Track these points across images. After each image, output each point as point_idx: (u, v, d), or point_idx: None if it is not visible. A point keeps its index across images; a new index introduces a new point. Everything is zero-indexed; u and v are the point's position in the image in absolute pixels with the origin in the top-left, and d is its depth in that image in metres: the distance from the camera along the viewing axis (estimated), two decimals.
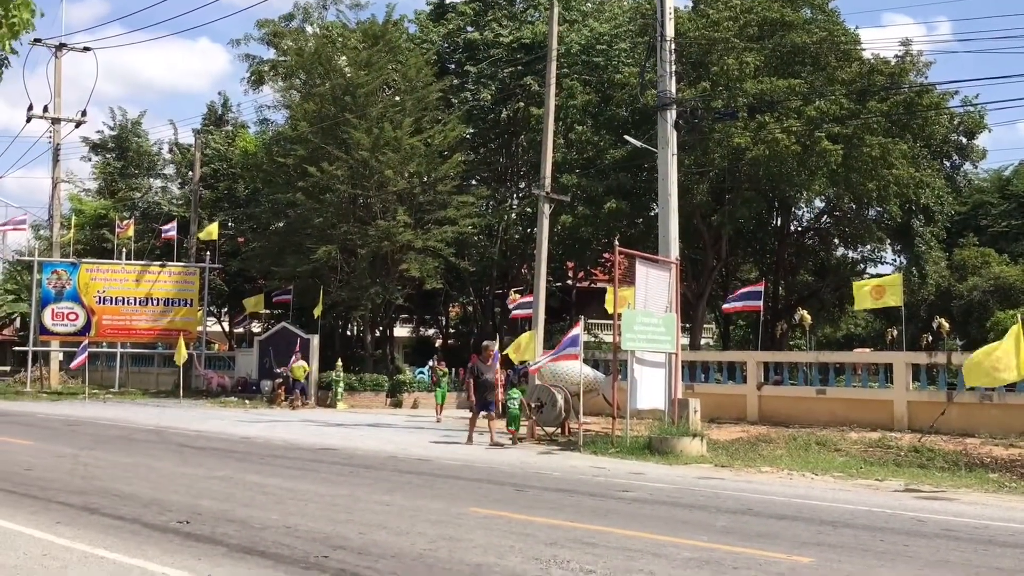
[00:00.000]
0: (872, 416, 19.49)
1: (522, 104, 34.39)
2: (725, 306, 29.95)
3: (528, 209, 34.97)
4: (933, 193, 31.24)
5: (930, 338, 35.61)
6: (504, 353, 21.00)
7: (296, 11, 40.41)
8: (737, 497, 11.05)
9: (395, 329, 43.03)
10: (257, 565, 6.86)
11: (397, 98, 33.46)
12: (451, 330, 46.94)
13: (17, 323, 52.79)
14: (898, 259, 36.68)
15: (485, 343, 19.50)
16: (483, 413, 17.71)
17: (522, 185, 38.15)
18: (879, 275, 36.68)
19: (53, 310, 35.13)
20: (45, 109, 36.47)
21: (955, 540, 8.45)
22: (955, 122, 33.29)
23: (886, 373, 20.58)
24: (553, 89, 23.98)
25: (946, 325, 32.81)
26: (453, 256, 32.42)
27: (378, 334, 37.33)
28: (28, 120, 36.43)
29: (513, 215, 36.96)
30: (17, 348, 44.48)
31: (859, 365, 23.63)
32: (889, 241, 34.96)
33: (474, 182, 37.42)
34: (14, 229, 41.76)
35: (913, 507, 10.59)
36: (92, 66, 54.87)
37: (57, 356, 38.25)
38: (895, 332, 33.82)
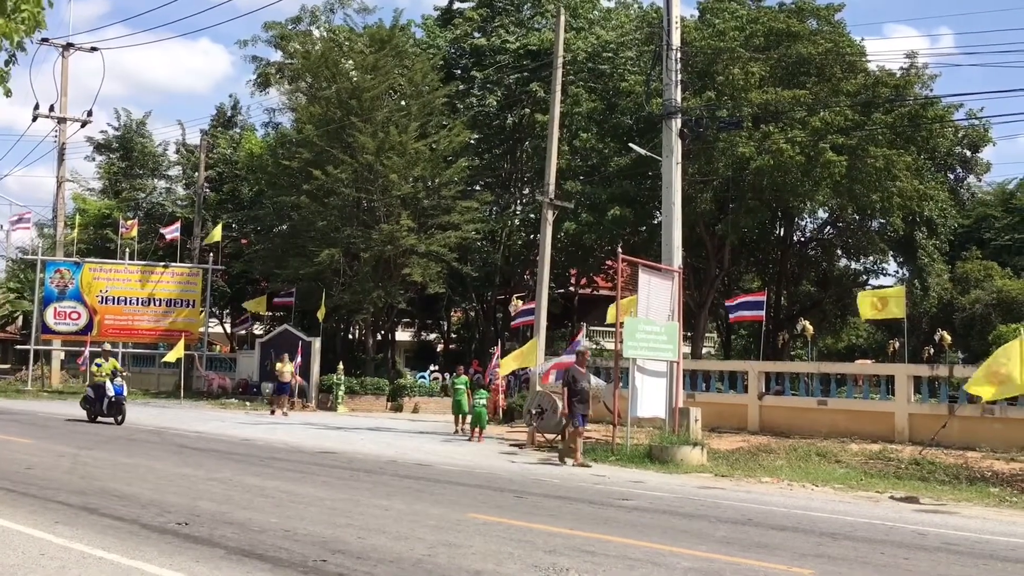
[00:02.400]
0: (873, 428, 19.44)
1: (527, 110, 34.45)
2: (731, 315, 29.88)
3: (532, 215, 35.01)
4: (936, 206, 31.21)
5: (932, 350, 35.56)
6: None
7: (303, 14, 40.50)
8: (737, 507, 11.03)
9: (397, 333, 43.06)
10: (256, 568, 6.85)
11: (403, 103, 33.52)
12: (453, 335, 46.95)
13: (19, 321, 52.86)
14: (901, 271, 36.68)
15: (581, 347, 17.04)
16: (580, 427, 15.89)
17: (526, 191, 38.18)
18: (881, 287, 36.68)
19: (55, 309, 35.15)
20: (51, 108, 36.55)
21: (956, 554, 8.43)
22: (959, 135, 33.29)
23: (887, 385, 20.53)
24: (558, 96, 24.00)
25: (948, 338, 32.75)
26: (456, 261, 32.42)
27: (380, 338, 37.35)
28: (34, 119, 36.55)
29: (516, 221, 36.99)
30: (19, 346, 44.51)
31: (860, 376, 23.57)
32: (892, 253, 34.93)
33: (478, 187, 37.44)
34: (18, 228, 41.79)
35: (914, 520, 10.57)
36: (93, 65, 55.12)
37: (59, 355, 38.27)
38: (897, 344, 33.71)
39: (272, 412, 27.30)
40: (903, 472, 15.07)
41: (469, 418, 20.75)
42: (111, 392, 21.05)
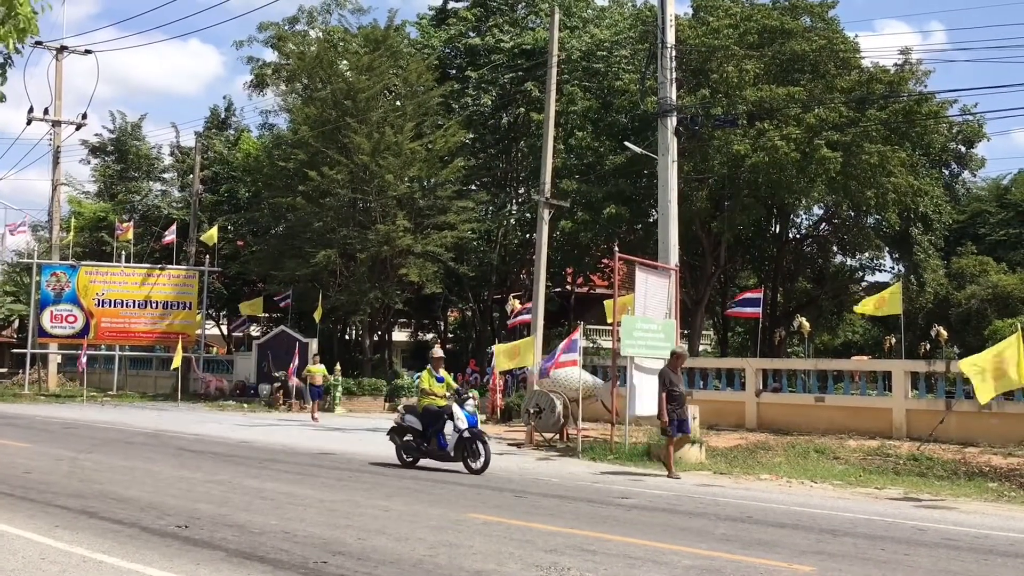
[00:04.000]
0: (871, 424, 19.48)
1: (523, 109, 34.45)
2: (729, 311, 29.90)
3: (528, 214, 35.02)
4: (931, 201, 31.28)
5: (928, 346, 35.61)
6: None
7: (300, 14, 40.50)
8: (736, 505, 11.04)
9: (393, 333, 43.08)
10: (256, 570, 6.84)
11: (398, 103, 33.54)
12: (450, 335, 46.93)
13: (16, 325, 52.76)
14: (896, 267, 36.73)
15: (676, 349, 15.10)
16: (679, 435, 14.15)
17: (522, 190, 38.19)
18: (877, 283, 36.74)
19: (52, 312, 35.09)
20: (45, 111, 36.46)
21: (955, 549, 8.45)
22: (954, 131, 33.35)
23: (884, 381, 20.59)
24: (553, 95, 24.00)
25: (944, 333, 32.79)
26: (452, 261, 32.43)
27: (377, 338, 37.33)
28: (28, 122, 36.41)
29: (512, 220, 37.00)
30: (15, 350, 44.42)
31: (857, 373, 23.58)
32: (887, 249, 35.00)
33: (474, 187, 37.47)
34: (17, 232, 41.78)
35: (913, 516, 10.59)
36: (82, 67, 55.24)
37: (55, 358, 38.20)
38: (893, 340, 33.78)
39: (315, 418, 24.73)
40: (901, 468, 15.09)
41: None
42: (463, 423, 13.53)
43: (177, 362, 31.21)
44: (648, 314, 17.26)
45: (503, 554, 7.55)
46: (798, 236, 36.38)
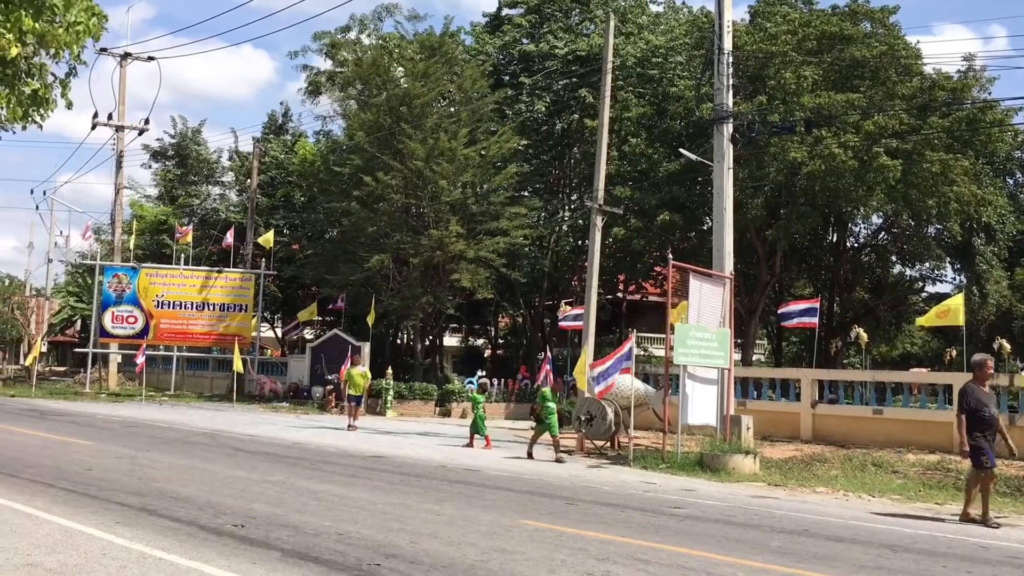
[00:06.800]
0: (930, 438, 19.06)
1: (576, 116, 34.40)
2: (784, 322, 29.42)
3: (580, 221, 34.95)
4: (995, 211, 30.51)
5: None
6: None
7: (352, 23, 40.95)
8: (792, 517, 10.87)
9: (444, 338, 43.26)
10: (311, 571, 6.92)
11: (452, 109, 33.70)
12: (500, 340, 47.02)
13: (78, 325, 54.12)
14: (958, 278, 35.88)
15: (979, 357, 11.86)
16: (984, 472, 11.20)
17: (574, 197, 38.12)
18: (938, 294, 35.91)
19: (113, 313, 35.89)
20: (109, 116, 37.37)
21: (1020, 568, 8.22)
22: (1019, 139, 32.52)
23: (945, 394, 20.10)
24: (608, 101, 23.92)
25: (1007, 346, 31.91)
26: (504, 267, 32.47)
27: (428, 343, 37.52)
28: (93, 127, 37.37)
29: (565, 227, 36.95)
30: (78, 349, 45.55)
31: (917, 385, 23.11)
32: (949, 259, 34.20)
33: (527, 193, 37.48)
34: (84, 237, 43.04)
35: (975, 532, 10.32)
36: (138, 73, 56.32)
37: (116, 358, 39.08)
38: (954, 352, 32.98)
39: (349, 427, 23.28)
40: (962, 484, 14.69)
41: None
42: None
43: (237, 366, 31.79)
44: (702, 322, 17.11)
45: (555, 561, 7.53)
46: (856, 245, 35.73)
